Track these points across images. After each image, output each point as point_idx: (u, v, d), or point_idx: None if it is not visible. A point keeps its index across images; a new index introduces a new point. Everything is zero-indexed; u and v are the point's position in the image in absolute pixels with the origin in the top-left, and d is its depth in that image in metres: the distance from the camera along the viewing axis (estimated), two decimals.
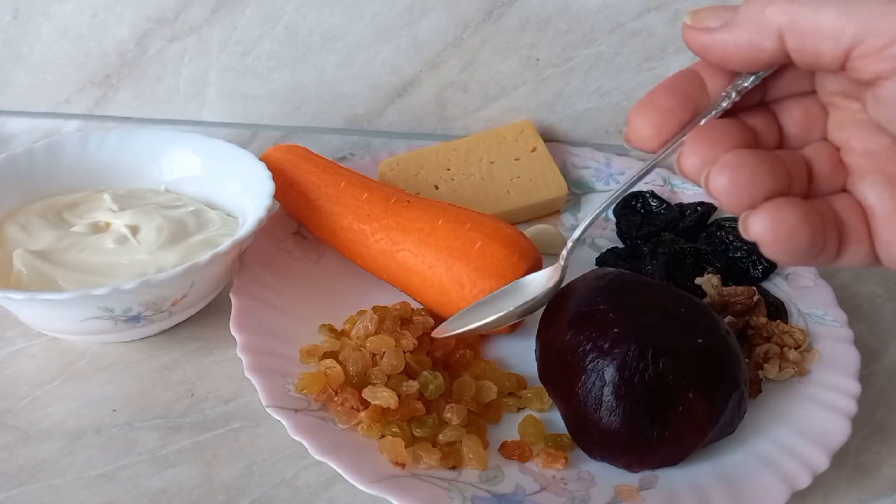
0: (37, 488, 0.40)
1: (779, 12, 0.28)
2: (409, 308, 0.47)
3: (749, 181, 0.29)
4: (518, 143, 0.62)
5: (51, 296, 0.41)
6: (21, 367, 0.47)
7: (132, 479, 0.41)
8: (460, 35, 0.61)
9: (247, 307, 0.46)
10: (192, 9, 0.60)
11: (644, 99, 0.32)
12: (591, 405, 0.38)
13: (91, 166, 0.54)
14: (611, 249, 0.56)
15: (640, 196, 0.59)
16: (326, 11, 0.60)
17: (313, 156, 0.54)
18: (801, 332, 0.47)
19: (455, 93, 0.64)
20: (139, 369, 0.47)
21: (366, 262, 0.51)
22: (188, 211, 0.52)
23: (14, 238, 0.48)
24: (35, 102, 0.65)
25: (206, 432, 0.43)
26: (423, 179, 0.59)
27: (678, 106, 0.32)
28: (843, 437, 0.40)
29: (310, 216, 0.52)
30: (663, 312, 0.40)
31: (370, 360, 0.43)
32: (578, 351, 0.39)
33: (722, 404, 0.38)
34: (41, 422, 0.44)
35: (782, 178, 0.30)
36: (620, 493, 0.39)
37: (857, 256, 0.30)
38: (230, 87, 0.64)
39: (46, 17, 0.61)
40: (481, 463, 0.40)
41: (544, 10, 0.59)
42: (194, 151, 0.55)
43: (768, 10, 0.28)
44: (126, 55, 0.62)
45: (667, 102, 0.32)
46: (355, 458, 0.38)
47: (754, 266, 0.53)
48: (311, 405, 0.42)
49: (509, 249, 0.46)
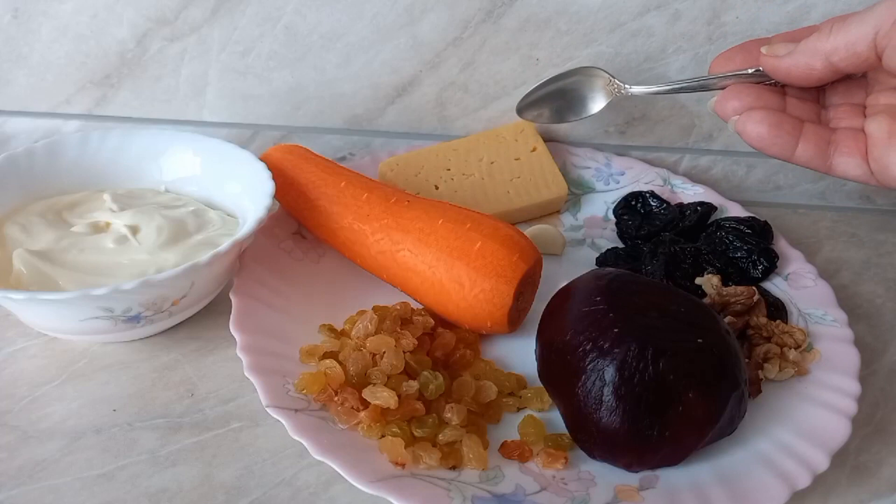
0: (37, 488, 0.40)
1: (824, 42, 0.40)
2: (409, 308, 0.47)
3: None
4: (518, 143, 0.62)
5: (51, 296, 0.41)
6: (21, 367, 0.47)
7: (132, 479, 0.41)
8: (460, 35, 0.61)
9: (247, 307, 0.46)
10: (192, 9, 0.60)
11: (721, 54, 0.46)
12: (591, 405, 0.38)
13: (91, 166, 0.54)
14: (611, 249, 0.56)
15: (640, 196, 0.59)
16: (326, 11, 0.60)
17: (313, 156, 0.54)
18: (801, 332, 0.47)
19: (455, 93, 0.64)
20: (139, 369, 0.47)
21: (366, 262, 0.51)
22: (188, 211, 0.52)
23: (14, 238, 0.48)
24: (35, 102, 0.65)
25: (206, 432, 0.43)
26: (423, 179, 0.59)
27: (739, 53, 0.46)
28: (843, 437, 0.40)
29: (310, 216, 0.52)
30: (663, 312, 0.40)
31: (370, 360, 0.43)
32: (578, 351, 0.39)
33: (722, 404, 0.38)
34: (41, 422, 0.44)
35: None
36: (620, 493, 0.39)
37: (848, 166, 0.42)
38: (230, 87, 0.64)
39: (46, 17, 0.61)
40: (481, 463, 0.40)
41: (544, 10, 0.59)
42: (194, 151, 0.55)
43: (818, 43, 0.40)
44: (126, 55, 0.62)
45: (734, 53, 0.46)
46: (355, 458, 0.38)
47: (754, 266, 0.53)
48: (311, 405, 0.42)
49: (509, 249, 0.46)
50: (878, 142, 0.40)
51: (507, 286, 0.45)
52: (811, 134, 0.43)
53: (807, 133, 0.43)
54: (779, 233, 0.56)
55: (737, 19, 0.58)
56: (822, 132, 0.43)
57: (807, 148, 0.42)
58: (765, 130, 0.42)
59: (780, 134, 0.42)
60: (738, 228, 0.54)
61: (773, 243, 0.55)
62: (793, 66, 0.41)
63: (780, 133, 0.42)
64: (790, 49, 0.42)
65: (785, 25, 0.57)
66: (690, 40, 0.60)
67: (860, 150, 0.41)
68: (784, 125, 0.42)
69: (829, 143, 0.42)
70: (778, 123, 0.42)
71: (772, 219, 0.57)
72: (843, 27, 0.39)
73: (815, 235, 0.61)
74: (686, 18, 0.59)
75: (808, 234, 0.61)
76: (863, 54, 0.39)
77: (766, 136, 0.42)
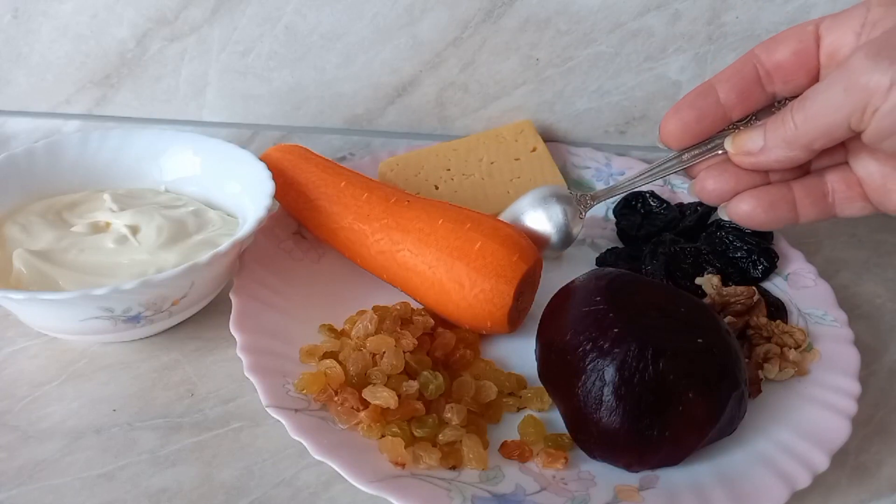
0: (37, 488, 0.40)
1: (792, 132, 0.37)
2: (409, 308, 0.47)
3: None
4: (518, 143, 0.62)
5: (51, 296, 0.41)
6: (21, 367, 0.47)
7: (132, 479, 0.41)
8: (460, 35, 0.61)
9: (247, 307, 0.46)
10: (192, 9, 0.60)
11: (671, 110, 0.42)
12: (591, 405, 0.38)
13: (91, 166, 0.54)
14: (611, 249, 0.56)
15: (640, 196, 0.59)
16: (326, 11, 0.60)
17: (313, 156, 0.54)
18: (801, 332, 0.47)
19: (455, 93, 0.64)
20: (139, 369, 0.47)
21: (366, 262, 0.51)
22: (188, 211, 0.52)
23: (14, 238, 0.48)
24: (35, 102, 0.65)
25: (206, 432, 0.43)
26: (423, 179, 0.59)
27: (693, 119, 0.42)
28: (843, 437, 0.40)
29: (310, 216, 0.52)
30: (663, 312, 0.40)
31: (370, 360, 0.43)
32: (578, 351, 0.39)
33: (722, 404, 0.38)
34: (41, 422, 0.44)
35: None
36: (620, 493, 0.39)
37: (853, 210, 0.41)
38: (230, 87, 0.64)
39: (46, 17, 0.61)
40: (481, 463, 0.40)
41: (544, 10, 0.59)
42: (194, 151, 0.55)
43: (787, 133, 0.37)
44: (126, 55, 0.62)
45: (687, 115, 0.42)
46: (355, 458, 0.38)
47: (754, 266, 0.53)
48: (311, 405, 0.42)
49: (509, 249, 0.46)
50: (875, 190, 0.39)
51: (507, 286, 0.45)
52: (805, 195, 0.41)
53: (800, 197, 0.41)
54: (779, 233, 0.56)
55: (737, 19, 0.58)
56: (814, 186, 0.41)
57: (807, 211, 0.41)
58: (762, 214, 0.41)
59: (777, 212, 0.41)
60: (738, 228, 0.54)
61: (773, 243, 0.55)
62: (775, 161, 0.39)
63: (778, 211, 0.41)
64: (759, 144, 0.39)
65: (785, 25, 0.57)
66: (690, 40, 0.60)
67: (859, 194, 0.40)
68: (778, 202, 0.41)
69: (824, 194, 0.41)
70: (771, 203, 0.41)
71: None
72: (809, 115, 0.36)
73: (815, 235, 0.61)
74: (686, 18, 0.59)
75: (808, 234, 0.61)
76: (842, 137, 0.36)
77: (765, 220, 0.41)
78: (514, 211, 0.51)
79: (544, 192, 0.50)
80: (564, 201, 0.50)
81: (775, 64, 0.40)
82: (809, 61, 0.39)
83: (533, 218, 0.50)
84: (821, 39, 0.39)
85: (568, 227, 0.50)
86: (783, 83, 0.40)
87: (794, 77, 0.40)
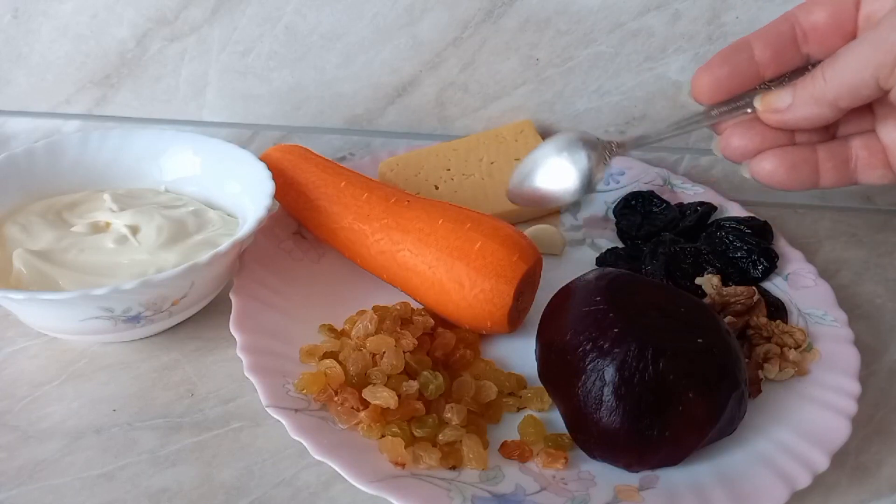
0: (37, 488, 0.40)
1: (822, 88, 0.38)
2: (409, 308, 0.47)
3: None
4: (518, 143, 0.62)
5: (51, 296, 0.41)
6: (21, 367, 0.47)
7: (132, 479, 0.41)
8: (460, 35, 0.61)
9: (247, 307, 0.46)
10: (192, 9, 0.60)
11: (704, 65, 0.42)
12: (591, 405, 0.38)
13: (91, 166, 0.54)
14: (611, 249, 0.56)
15: (640, 196, 0.59)
16: (326, 11, 0.60)
17: (313, 156, 0.54)
18: (801, 332, 0.47)
19: (455, 93, 0.64)
20: (139, 369, 0.47)
21: (366, 262, 0.51)
22: (188, 211, 0.52)
23: (14, 238, 0.48)
24: (35, 102, 0.65)
25: (206, 432, 0.43)
26: (423, 179, 0.59)
27: (725, 75, 0.42)
28: (843, 437, 0.40)
29: (310, 216, 0.52)
30: (663, 312, 0.40)
31: (370, 360, 0.43)
32: (578, 351, 0.39)
33: (722, 404, 0.38)
34: (41, 422, 0.44)
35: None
36: (620, 493, 0.39)
37: (873, 177, 0.41)
38: (230, 87, 0.64)
39: (46, 17, 0.61)
40: (481, 463, 0.40)
41: (544, 10, 0.59)
42: (194, 151, 0.55)
43: (815, 90, 0.38)
44: (126, 55, 0.62)
45: (719, 70, 0.42)
46: (355, 458, 0.38)
47: (754, 266, 0.53)
48: (311, 405, 0.42)
49: (509, 249, 0.46)
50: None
51: (507, 286, 0.45)
52: (828, 159, 0.41)
53: (823, 160, 0.41)
54: (779, 233, 0.56)
55: (737, 19, 0.58)
56: (838, 151, 0.41)
57: (828, 175, 0.41)
58: (784, 174, 0.41)
59: (799, 173, 0.41)
60: (738, 228, 0.54)
61: (773, 243, 0.55)
62: (802, 118, 0.39)
63: (799, 172, 0.41)
64: (788, 101, 0.39)
65: None
66: (690, 40, 0.60)
67: (881, 161, 0.41)
68: (800, 163, 0.41)
69: (847, 160, 0.41)
70: (794, 164, 0.41)
71: (771, 219, 0.57)
72: (838, 71, 0.37)
73: (815, 235, 0.61)
74: (686, 18, 0.59)
75: (808, 234, 0.61)
76: (869, 96, 0.37)
77: (786, 180, 0.41)
78: (536, 156, 0.49)
79: (570, 136, 0.49)
80: (590, 146, 0.48)
81: (812, 25, 0.40)
82: (847, 24, 0.40)
83: (556, 162, 0.49)
84: (861, 4, 0.39)
85: (591, 173, 0.48)
86: (818, 45, 0.41)
87: (830, 39, 0.40)
